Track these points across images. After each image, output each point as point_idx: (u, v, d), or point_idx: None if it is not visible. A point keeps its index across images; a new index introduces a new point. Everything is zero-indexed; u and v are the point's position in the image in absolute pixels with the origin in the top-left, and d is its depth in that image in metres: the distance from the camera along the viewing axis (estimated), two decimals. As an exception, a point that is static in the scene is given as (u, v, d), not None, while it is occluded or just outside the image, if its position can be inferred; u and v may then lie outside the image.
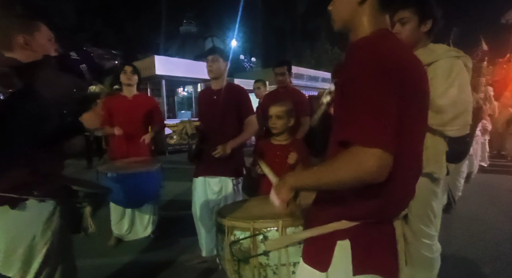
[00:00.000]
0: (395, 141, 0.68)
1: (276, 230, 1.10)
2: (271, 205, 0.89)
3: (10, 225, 1.20)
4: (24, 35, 1.22)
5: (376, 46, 0.74)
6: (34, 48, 1.24)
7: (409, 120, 0.75)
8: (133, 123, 2.68)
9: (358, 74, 0.71)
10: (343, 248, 0.80)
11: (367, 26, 0.81)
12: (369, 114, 0.68)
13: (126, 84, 2.72)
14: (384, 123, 0.68)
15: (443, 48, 1.41)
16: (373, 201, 0.78)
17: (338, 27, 0.88)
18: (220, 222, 1.24)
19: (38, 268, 1.23)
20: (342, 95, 0.76)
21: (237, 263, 1.14)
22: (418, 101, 0.78)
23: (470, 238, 2.71)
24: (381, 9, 0.82)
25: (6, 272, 1.23)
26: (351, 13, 0.83)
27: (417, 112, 0.79)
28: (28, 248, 1.22)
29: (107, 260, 2.44)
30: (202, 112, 2.34)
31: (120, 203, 2.56)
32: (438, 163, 1.39)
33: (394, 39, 0.82)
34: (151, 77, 9.24)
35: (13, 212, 1.17)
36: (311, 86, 14.83)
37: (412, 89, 0.75)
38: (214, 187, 2.18)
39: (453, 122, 1.31)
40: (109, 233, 2.71)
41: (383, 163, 0.67)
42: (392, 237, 0.86)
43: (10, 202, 1.16)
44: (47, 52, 1.28)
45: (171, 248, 2.63)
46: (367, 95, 0.69)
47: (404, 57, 0.77)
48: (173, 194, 4.09)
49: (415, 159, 0.83)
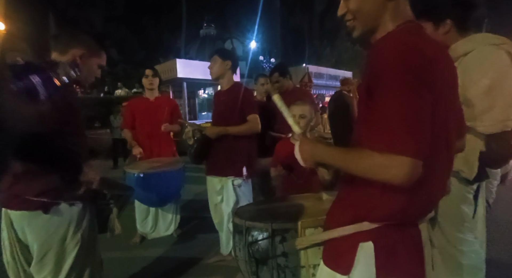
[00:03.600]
0: (426, 146, 0.65)
1: (295, 231, 1.09)
2: (290, 206, 0.89)
3: (42, 229, 1.22)
4: (84, 51, 1.34)
5: (402, 43, 0.70)
6: (82, 66, 1.34)
7: (440, 117, 0.71)
8: (156, 124, 2.76)
9: (386, 76, 0.67)
10: (366, 251, 0.77)
11: (391, 21, 0.77)
12: (398, 118, 0.65)
13: (149, 88, 2.82)
14: (414, 128, 0.64)
15: (482, 36, 1.28)
16: (397, 202, 0.74)
17: (361, 31, 0.80)
18: (238, 222, 1.24)
19: (68, 270, 1.26)
20: (369, 96, 0.72)
21: (255, 264, 1.14)
22: (448, 96, 0.74)
23: (506, 245, 2.54)
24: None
25: (38, 274, 1.25)
26: (378, 10, 0.77)
27: (448, 108, 0.74)
28: (60, 250, 1.24)
29: (132, 255, 2.55)
30: (213, 113, 2.42)
31: (145, 202, 2.66)
32: (468, 162, 1.28)
33: (420, 32, 0.77)
34: (173, 80, 9.51)
35: (45, 216, 1.20)
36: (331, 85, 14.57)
37: (442, 83, 0.71)
38: (216, 186, 2.22)
39: (483, 117, 1.19)
40: (134, 230, 2.81)
41: (412, 171, 0.64)
42: (418, 240, 0.81)
43: (43, 207, 1.19)
44: (91, 75, 1.40)
45: (192, 246, 2.69)
46: (396, 97, 0.65)
47: (432, 51, 0.72)
48: (193, 193, 4.17)
49: (445, 158, 0.78)
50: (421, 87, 0.66)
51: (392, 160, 0.64)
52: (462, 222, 1.32)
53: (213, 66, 2.17)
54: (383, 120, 0.67)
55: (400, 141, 0.64)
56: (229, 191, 2.16)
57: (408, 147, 0.63)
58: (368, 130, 0.72)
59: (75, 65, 1.25)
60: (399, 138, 0.64)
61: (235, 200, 2.15)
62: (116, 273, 2.23)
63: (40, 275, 1.25)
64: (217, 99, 2.35)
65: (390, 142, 0.65)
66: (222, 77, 2.21)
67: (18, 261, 1.31)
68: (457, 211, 1.31)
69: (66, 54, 1.33)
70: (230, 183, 2.16)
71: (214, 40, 26.58)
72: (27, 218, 1.21)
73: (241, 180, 2.16)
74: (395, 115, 0.65)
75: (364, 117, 0.78)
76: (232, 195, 2.15)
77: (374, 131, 0.69)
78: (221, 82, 2.26)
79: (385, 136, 0.66)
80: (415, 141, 0.64)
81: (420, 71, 0.66)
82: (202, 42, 26.36)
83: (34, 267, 1.25)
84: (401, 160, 0.63)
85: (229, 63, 2.18)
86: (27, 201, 1.17)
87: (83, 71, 1.35)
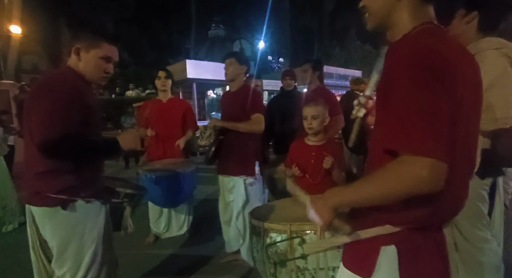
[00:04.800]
0: (449, 147, 0.63)
1: (314, 233, 1.08)
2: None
3: (61, 225, 1.28)
4: (79, 46, 1.31)
5: (420, 45, 0.69)
6: (84, 62, 1.33)
7: (462, 120, 0.69)
8: (169, 125, 2.79)
9: (403, 77, 0.66)
10: (388, 254, 0.76)
11: (407, 21, 0.76)
12: (419, 120, 0.63)
13: (161, 90, 2.85)
14: (436, 129, 0.62)
15: (488, 41, 1.33)
16: (421, 206, 0.72)
17: (373, 25, 0.82)
18: (255, 224, 1.24)
19: (87, 266, 1.31)
20: (386, 98, 0.71)
21: (274, 266, 1.14)
22: (471, 99, 0.72)
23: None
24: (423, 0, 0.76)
25: (59, 269, 1.31)
26: (389, 8, 0.77)
27: (471, 110, 0.73)
28: (78, 246, 1.30)
29: (146, 254, 2.59)
30: (222, 114, 2.46)
31: (158, 203, 2.69)
32: None
33: (440, 34, 0.75)
34: (183, 81, 9.57)
35: (63, 212, 1.26)
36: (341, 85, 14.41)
37: (464, 86, 0.69)
38: (227, 185, 2.26)
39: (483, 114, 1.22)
40: (148, 230, 2.86)
41: (438, 173, 0.62)
42: (442, 245, 0.80)
43: (61, 203, 1.25)
44: (97, 69, 1.36)
45: (205, 245, 2.72)
46: (415, 99, 0.64)
47: (452, 53, 0.70)
48: (205, 193, 4.20)
49: (468, 160, 0.77)
50: (439, 89, 0.64)
51: (416, 163, 0.62)
52: (479, 219, 1.33)
53: (229, 68, 2.23)
54: (402, 122, 0.65)
55: (422, 142, 0.62)
56: (240, 190, 2.19)
57: (432, 147, 0.61)
58: (387, 133, 0.71)
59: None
60: (421, 139, 0.62)
61: (245, 199, 2.19)
62: (131, 271, 2.27)
63: (61, 270, 1.30)
64: (224, 100, 2.43)
65: (411, 143, 0.63)
66: (235, 80, 2.27)
67: (39, 257, 1.36)
68: (473, 207, 1.31)
69: (70, 54, 1.33)
70: (242, 182, 2.18)
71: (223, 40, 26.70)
72: (48, 214, 1.27)
73: (253, 179, 2.19)
74: (414, 116, 0.63)
75: (381, 119, 0.77)
76: (242, 194, 2.18)
77: (394, 134, 0.67)
78: (231, 84, 2.33)
79: (406, 137, 0.64)
80: (437, 141, 0.62)
81: (438, 72, 0.65)
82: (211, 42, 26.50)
83: (55, 263, 1.31)
84: (426, 162, 0.61)
85: (245, 68, 2.28)
86: (47, 197, 1.24)
87: (86, 67, 1.33)
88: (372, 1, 0.80)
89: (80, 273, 1.30)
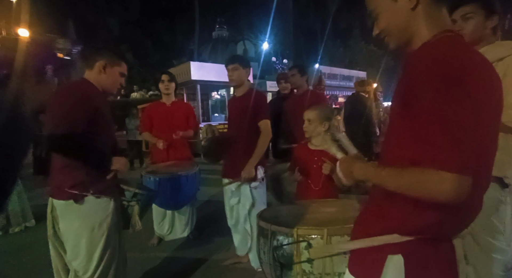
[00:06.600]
0: (473, 161, 0.61)
1: (321, 238, 1.07)
2: (315, 211, 0.87)
3: (74, 217, 1.42)
4: (107, 62, 1.53)
5: (441, 52, 0.67)
6: (108, 75, 1.55)
7: (481, 130, 0.66)
8: (172, 128, 2.79)
9: (428, 88, 0.64)
10: (395, 264, 0.74)
11: (425, 29, 0.74)
12: (442, 132, 0.61)
13: (165, 93, 2.86)
14: (460, 143, 0.60)
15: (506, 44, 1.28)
16: (432, 216, 0.70)
17: (396, 44, 0.80)
18: (263, 226, 1.23)
19: (98, 258, 1.44)
20: (405, 107, 0.69)
21: (280, 268, 1.13)
22: (490, 108, 0.70)
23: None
24: (437, 4, 0.75)
25: (75, 260, 1.45)
26: (406, 20, 0.76)
27: (490, 120, 0.70)
28: (90, 238, 1.43)
29: (149, 256, 2.59)
30: (229, 119, 2.46)
31: (161, 205, 2.69)
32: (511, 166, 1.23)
33: (459, 42, 0.73)
34: (187, 82, 9.64)
35: (76, 206, 1.40)
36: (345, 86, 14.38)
37: (484, 95, 0.67)
38: (231, 188, 2.24)
39: None
40: (152, 232, 2.86)
41: (461, 187, 0.60)
42: (451, 256, 0.77)
43: (74, 197, 1.40)
44: (116, 82, 1.61)
45: (208, 247, 2.71)
46: (441, 112, 0.62)
47: (472, 61, 0.68)
48: (209, 195, 4.20)
49: (485, 170, 0.73)
50: (463, 97, 0.62)
51: (439, 177, 0.60)
52: (498, 228, 1.27)
53: (233, 74, 2.20)
54: (425, 134, 0.63)
55: (446, 156, 0.60)
56: (246, 194, 2.18)
57: (455, 163, 0.59)
58: (405, 143, 0.69)
59: None
60: (445, 153, 0.60)
61: (251, 202, 2.18)
62: (135, 272, 2.27)
63: (76, 261, 1.45)
64: (231, 105, 2.41)
65: (435, 157, 0.61)
66: (241, 84, 2.25)
67: (54, 248, 1.50)
68: (494, 217, 1.26)
69: (93, 68, 1.53)
70: (247, 186, 2.17)
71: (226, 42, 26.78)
72: (64, 206, 1.42)
73: (258, 182, 2.18)
74: (437, 128, 0.61)
75: (397, 129, 0.75)
76: (249, 198, 2.18)
77: (417, 146, 0.65)
78: (237, 89, 2.30)
79: (429, 150, 0.62)
80: (462, 155, 0.60)
81: (461, 81, 0.63)
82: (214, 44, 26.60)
83: (70, 255, 1.46)
84: (449, 177, 0.59)
85: (249, 70, 2.26)
86: (64, 192, 1.39)
87: (108, 80, 1.56)
88: (387, 21, 0.79)
89: (92, 264, 1.44)
